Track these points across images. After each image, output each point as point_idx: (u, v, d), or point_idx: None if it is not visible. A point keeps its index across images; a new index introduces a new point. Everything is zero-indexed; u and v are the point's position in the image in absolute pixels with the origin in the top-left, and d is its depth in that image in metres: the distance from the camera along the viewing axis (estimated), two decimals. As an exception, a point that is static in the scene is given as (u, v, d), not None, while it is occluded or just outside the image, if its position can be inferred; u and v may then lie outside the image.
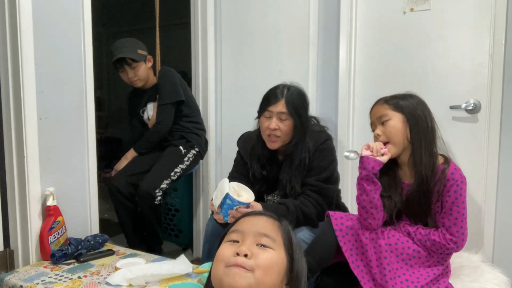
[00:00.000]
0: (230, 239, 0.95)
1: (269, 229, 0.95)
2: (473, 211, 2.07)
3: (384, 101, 1.58)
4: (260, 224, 0.96)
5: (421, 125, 1.52)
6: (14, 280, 1.69)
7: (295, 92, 1.80)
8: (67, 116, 2.02)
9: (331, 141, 1.87)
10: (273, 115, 1.76)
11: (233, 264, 0.88)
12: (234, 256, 0.89)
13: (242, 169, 1.94)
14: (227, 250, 0.92)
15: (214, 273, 0.92)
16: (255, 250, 0.91)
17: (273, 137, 1.78)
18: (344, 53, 2.35)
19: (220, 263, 0.90)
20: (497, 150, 2.00)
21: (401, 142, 1.53)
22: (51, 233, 1.88)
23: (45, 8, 1.89)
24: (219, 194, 1.62)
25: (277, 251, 0.92)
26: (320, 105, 2.48)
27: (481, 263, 1.75)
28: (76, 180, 2.08)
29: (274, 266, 0.90)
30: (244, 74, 2.68)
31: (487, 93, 2.02)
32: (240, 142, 2.00)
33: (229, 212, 1.60)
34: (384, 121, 1.55)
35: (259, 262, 0.88)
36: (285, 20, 2.52)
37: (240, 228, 0.96)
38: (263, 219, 0.98)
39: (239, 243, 0.93)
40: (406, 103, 1.55)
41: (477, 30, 2.04)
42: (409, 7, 2.20)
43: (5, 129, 1.87)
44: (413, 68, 2.20)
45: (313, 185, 1.79)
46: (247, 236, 0.93)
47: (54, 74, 1.95)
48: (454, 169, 1.51)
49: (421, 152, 1.51)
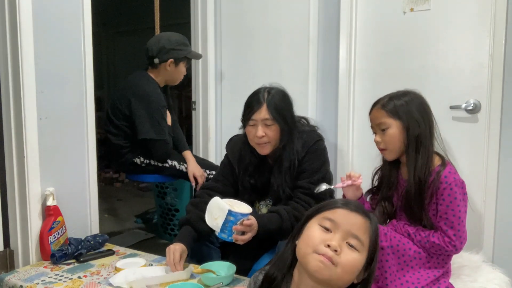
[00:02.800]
0: (323, 224, 1.01)
1: (362, 232, 1.00)
2: (473, 211, 2.07)
3: (381, 107, 1.56)
4: (356, 224, 1.00)
5: (417, 130, 1.52)
6: (14, 280, 1.69)
7: (276, 95, 1.75)
8: (67, 116, 2.02)
9: (322, 141, 1.85)
10: (257, 123, 1.72)
11: (322, 253, 0.96)
12: (325, 247, 0.97)
13: (228, 173, 1.89)
14: (319, 235, 0.99)
15: (303, 251, 1.00)
16: (344, 247, 0.98)
17: (262, 144, 1.75)
18: (344, 53, 2.35)
19: (310, 246, 0.99)
20: (497, 150, 2.00)
21: (398, 148, 1.55)
22: (51, 233, 1.88)
23: (45, 8, 1.89)
24: (216, 213, 1.56)
25: (361, 254, 0.99)
26: (320, 105, 2.48)
27: (481, 263, 1.74)
28: (76, 180, 2.08)
29: (355, 268, 0.98)
30: (244, 74, 2.68)
31: (487, 93, 2.02)
32: (228, 146, 1.96)
33: (233, 228, 1.55)
34: (383, 129, 1.56)
35: (343, 262, 0.96)
36: (285, 20, 2.52)
37: (336, 219, 1.01)
38: (360, 219, 1.02)
39: (331, 234, 0.99)
40: (403, 108, 1.53)
41: (477, 30, 2.04)
42: (409, 7, 2.20)
43: (5, 129, 1.87)
44: (413, 68, 2.20)
45: (305, 188, 1.76)
46: (340, 230, 0.99)
47: (54, 74, 1.95)
48: (448, 172, 1.51)
49: (416, 157, 1.52)
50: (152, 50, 2.38)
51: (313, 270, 0.97)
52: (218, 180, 1.91)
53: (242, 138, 1.87)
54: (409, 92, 1.59)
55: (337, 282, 0.98)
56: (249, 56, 2.66)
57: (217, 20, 2.75)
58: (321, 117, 2.46)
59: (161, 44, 2.37)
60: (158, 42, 2.39)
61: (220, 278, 1.59)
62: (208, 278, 1.58)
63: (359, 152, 2.34)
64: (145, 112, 2.31)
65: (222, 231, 1.57)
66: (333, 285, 0.99)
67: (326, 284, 0.99)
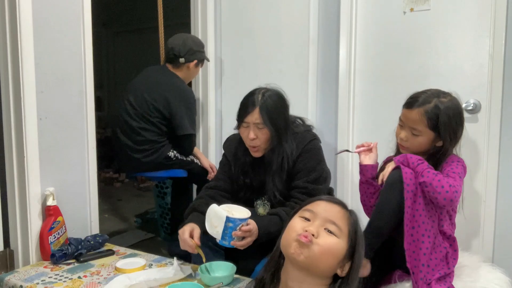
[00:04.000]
0: (302, 215, 1.08)
1: (339, 218, 1.06)
2: (473, 211, 2.07)
3: (424, 112, 1.54)
4: (333, 212, 1.07)
5: (447, 146, 1.56)
6: (14, 280, 1.69)
7: (270, 98, 1.75)
8: (67, 116, 2.02)
9: (317, 140, 1.85)
10: (250, 125, 1.74)
11: (302, 235, 1.02)
12: (304, 232, 1.03)
13: (229, 171, 1.91)
14: (299, 224, 1.06)
15: (284, 240, 1.07)
16: (322, 232, 1.03)
17: (254, 147, 1.77)
18: (344, 53, 2.35)
19: (291, 232, 1.05)
20: (497, 150, 2.00)
21: (419, 151, 1.59)
22: (51, 233, 1.88)
23: (45, 8, 1.89)
24: (215, 221, 1.57)
25: (340, 239, 1.04)
26: (320, 105, 2.48)
27: (481, 263, 1.74)
28: (76, 180, 2.08)
29: (333, 250, 1.03)
30: (244, 74, 2.68)
31: (487, 93, 2.02)
32: (225, 144, 1.99)
33: (233, 234, 1.56)
34: (415, 134, 1.57)
35: (321, 242, 1.02)
36: (285, 20, 2.52)
37: (314, 209, 1.08)
38: (337, 208, 1.08)
39: (310, 222, 1.06)
40: (445, 124, 1.53)
41: (477, 30, 2.04)
42: (409, 7, 2.20)
43: (5, 129, 1.87)
44: (413, 68, 2.20)
45: (302, 187, 1.76)
46: (318, 218, 1.06)
47: (54, 74, 1.95)
48: (454, 155, 1.59)
49: (434, 163, 1.56)
50: (179, 50, 2.47)
51: (292, 253, 1.02)
52: (220, 178, 1.92)
53: (237, 137, 1.89)
54: (451, 99, 1.58)
55: (318, 265, 1.02)
56: (249, 56, 2.65)
57: (217, 20, 2.75)
58: (321, 117, 2.46)
59: (189, 45, 2.48)
60: (185, 42, 2.48)
61: (220, 278, 1.59)
62: (208, 278, 1.58)
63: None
64: (184, 109, 2.42)
65: (223, 238, 1.58)
66: (315, 269, 1.03)
67: (308, 268, 1.03)
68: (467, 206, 2.06)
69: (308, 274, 1.04)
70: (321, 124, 2.46)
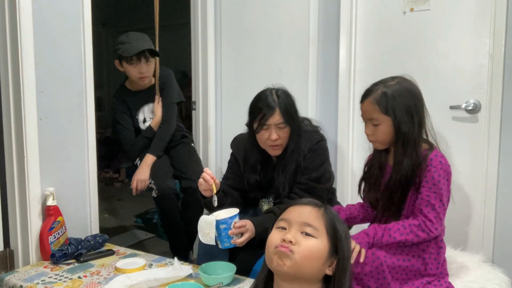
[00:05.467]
0: (278, 226, 1.07)
1: (313, 218, 1.04)
2: (473, 211, 2.07)
3: (374, 101, 1.55)
4: (305, 214, 1.05)
5: (406, 128, 1.52)
6: (14, 280, 1.69)
7: (285, 97, 1.79)
8: (67, 116, 2.02)
9: (324, 141, 1.88)
10: (271, 127, 1.75)
11: (279, 245, 1.01)
12: (281, 242, 1.01)
13: (237, 170, 1.94)
14: (276, 236, 1.05)
15: (266, 254, 1.05)
16: (300, 238, 1.02)
17: (275, 146, 1.78)
18: (344, 53, 2.35)
19: (270, 247, 1.04)
20: (497, 150, 2.00)
21: (388, 141, 1.58)
22: (51, 233, 1.88)
23: (45, 8, 1.89)
24: (206, 229, 1.61)
25: (319, 239, 1.02)
26: (320, 105, 2.48)
27: (481, 263, 1.75)
28: (76, 180, 2.08)
29: (314, 252, 1.01)
30: (244, 74, 2.68)
31: (487, 93, 2.02)
32: (233, 144, 2.00)
33: (229, 233, 1.60)
34: (375, 124, 1.56)
35: (301, 248, 1.00)
36: (285, 20, 2.52)
37: (287, 216, 1.07)
38: (308, 208, 1.06)
39: (286, 230, 1.04)
40: (395, 104, 1.52)
41: (477, 30, 2.04)
42: (409, 7, 2.20)
43: (5, 129, 1.87)
44: (413, 68, 2.20)
45: (302, 184, 1.79)
46: (293, 225, 1.04)
47: (54, 74, 1.95)
48: (434, 155, 1.52)
49: (402, 153, 1.53)
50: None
51: (275, 265, 1.01)
52: (229, 178, 1.94)
53: (246, 136, 1.91)
54: (399, 81, 1.57)
55: (303, 271, 1.00)
56: (249, 56, 2.65)
57: (217, 20, 2.75)
58: (321, 117, 2.46)
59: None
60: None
61: (220, 278, 1.59)
62: (208, 278, 1.58)
63: (359, 152, 2.34)
64: None
65: (223, 242, 1.62)
66: (302, 276, 1.01)
67: (295, 276, 1.01)
68: (467, 206, 2.07)
69: (297, 282, 1.02)
70: (321, 124, 2.44)
